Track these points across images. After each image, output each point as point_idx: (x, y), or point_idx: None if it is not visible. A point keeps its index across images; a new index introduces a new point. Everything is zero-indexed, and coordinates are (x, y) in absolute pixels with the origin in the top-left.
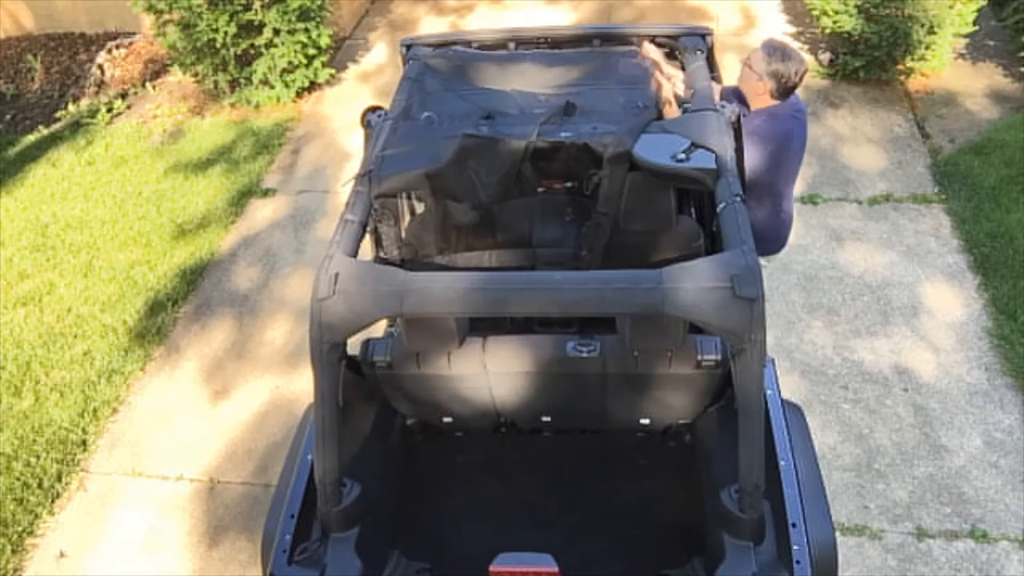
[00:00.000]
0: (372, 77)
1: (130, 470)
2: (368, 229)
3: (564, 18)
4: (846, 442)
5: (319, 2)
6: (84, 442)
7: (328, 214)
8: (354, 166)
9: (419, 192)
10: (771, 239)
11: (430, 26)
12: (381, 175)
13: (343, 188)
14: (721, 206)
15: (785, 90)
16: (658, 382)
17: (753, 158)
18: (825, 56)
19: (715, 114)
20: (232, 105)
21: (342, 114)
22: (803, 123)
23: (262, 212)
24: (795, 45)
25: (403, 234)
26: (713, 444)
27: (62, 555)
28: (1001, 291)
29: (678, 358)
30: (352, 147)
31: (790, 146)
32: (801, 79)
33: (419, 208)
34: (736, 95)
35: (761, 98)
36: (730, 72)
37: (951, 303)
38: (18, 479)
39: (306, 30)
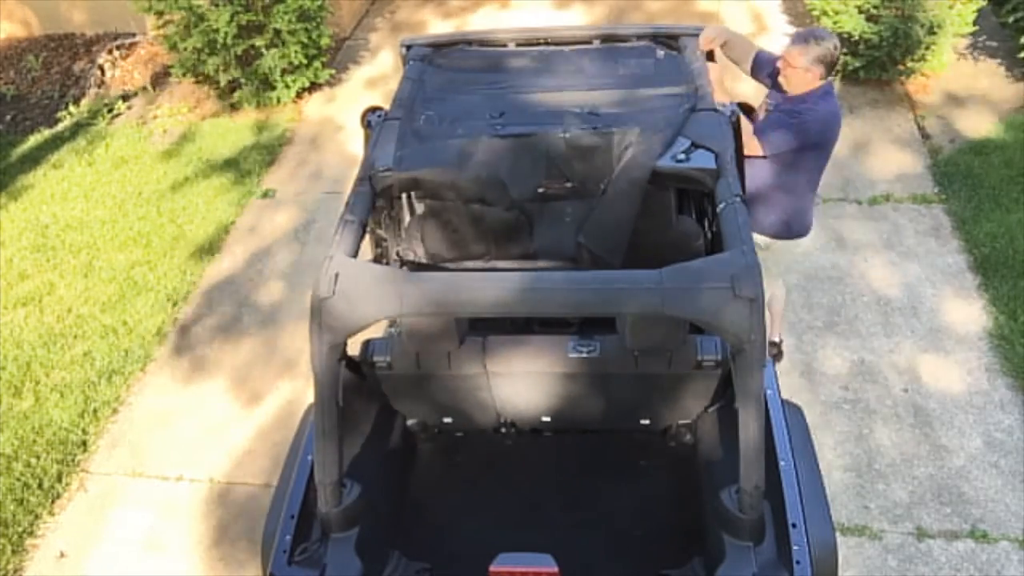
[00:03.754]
0: (372, 77)
1: (130, 470)
2: (368, 229)
3: (570, 21)
4: (846, 442)
5: (319, 2)
6: (84, 442)
7: (328, 215)
8: (354, 167)
9: (420, 193)
10: (808, 221)
11: (430, 26)
12: (398, 173)
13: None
14: (721, 206)
15: (832, 67)
16: (658, 382)
17: (813, 137)
18: None
19: (715, 114)
20: (232, 106)
21: (342, 114)
22: (838, 108)
23: (262, 212)
24: None
25: (403, 234)
26: (713, 444)
27: (62, 555)
28: (1001, 291)
29: (678, 358)
30: (352, 148)
31: (834, 125)
32: (840, 51)
33: (419, 208)
34: (772, 66)
35: (811, 84)
36: (732, 74)
37: (951, 303)
38: (18, 479)
39: (306, 30)
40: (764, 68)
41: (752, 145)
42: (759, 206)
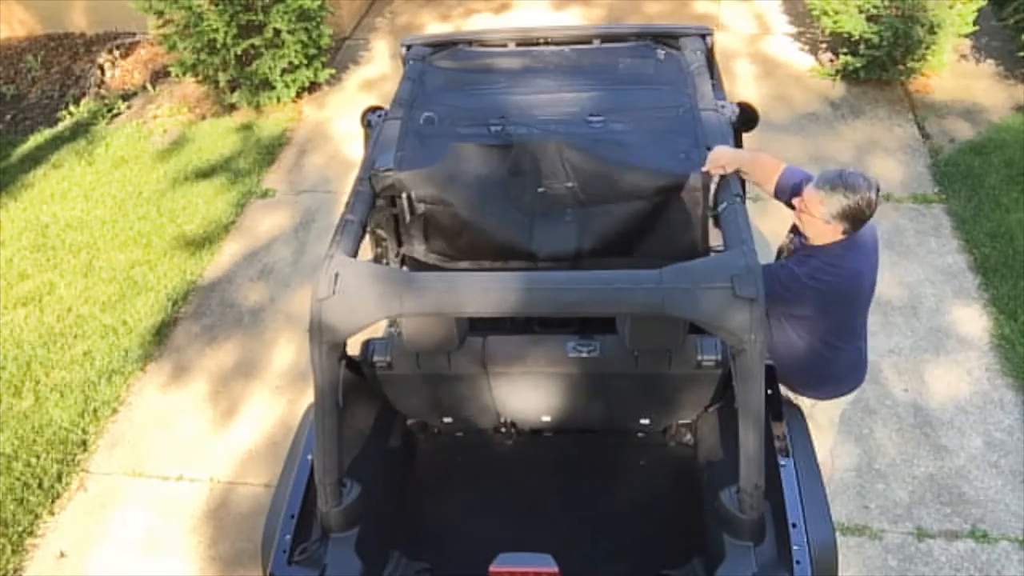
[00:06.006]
0: (372, 77)
1: (130, 470)
2: (368, 229)
3: (569, 23)
4: (846, 442)
5: (319, 2)
6: (84, 442)
7: (328, 215)
8: (354, 167)
9: (420, 194)
10: (857, 377)
11: (430, 27)
12: (412, 177)
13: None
14: (722, 206)
15: (860, 224)
16: (658, 382)
17: (824, 303)
18: (826, 56)
19: (715, 114)
20: (232, 105)
21: (342, 114)
22: (871, 253)
23: (262, 212)
24: (795, 46)
25: (403, 234)
26: (713, 444)
27: (62, 555)
28: (1001, 291)
29: (678, 358)
30: (352, 148)
31: (862, 284)
32: (876, 204)
33: (419, 208)
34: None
35: (830, 237)
36: (732, 75)
37: (951, 303)
38: (18, 479)
39: (306, 30)
40: (787, 191)
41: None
42: (786, 365)
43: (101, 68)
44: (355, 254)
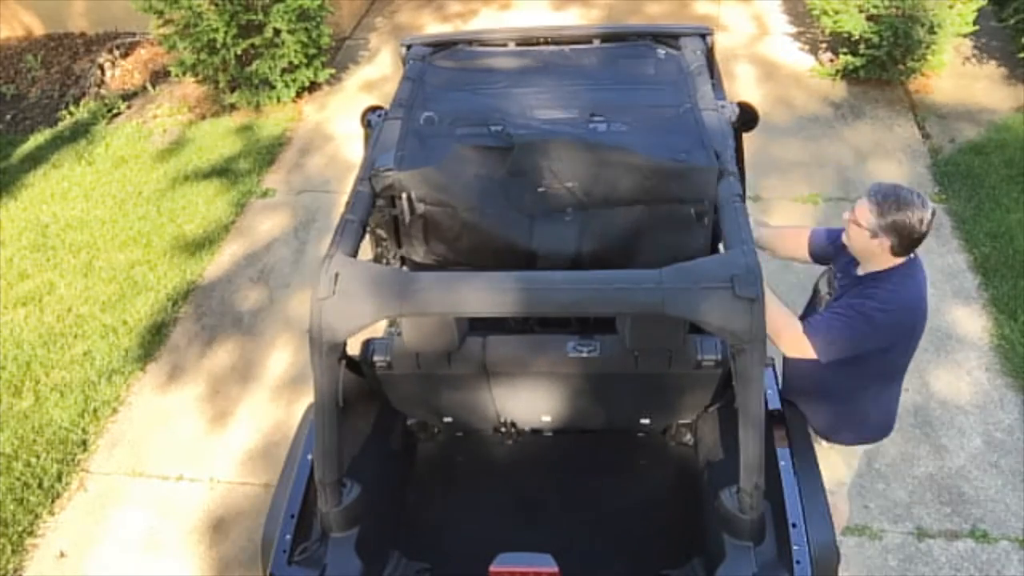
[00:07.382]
0: (372, 77)
1: (130, 470)
2: (368, 229)
3: (569, 23)
4: None
5: (319, 2)
6: (84, 442)
7: (328, 215)
8: (354, 167)
9: (420, 194)
10: (888, 422)
11: (430, 27)
12: (412, 177)
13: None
14: (722, 207)
15: (911, 244)
16: (658, 382)
17: (884, 340)
18: (826, 56)
19: (715, 114)
20: (232, 105)
21: (342, 114)
22: (924, 286)
23: (262, 212)
24: (795, 47)
25: (403, 234)
26: (713, 444)
27: (62, 555)
28: (1001, 291)
29: (678, 358)
30: (352, 148)
31: (923, 315)
32: (930, 225)
33: (419, 208)
34: (833, 241)
35: (879, 258)
36: (733, 75)
37: (951, 303)
38: (18, 479)
39: (306, 30)
40: (823, 240)
41: (801, 346)
42: (811, 404)
43: (101, 68)
44: (355, 254)
